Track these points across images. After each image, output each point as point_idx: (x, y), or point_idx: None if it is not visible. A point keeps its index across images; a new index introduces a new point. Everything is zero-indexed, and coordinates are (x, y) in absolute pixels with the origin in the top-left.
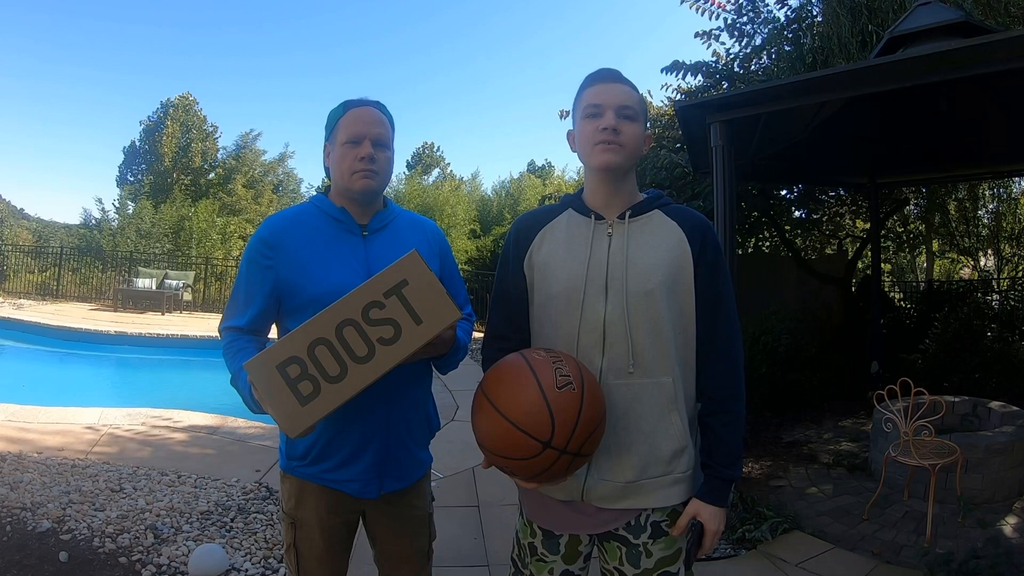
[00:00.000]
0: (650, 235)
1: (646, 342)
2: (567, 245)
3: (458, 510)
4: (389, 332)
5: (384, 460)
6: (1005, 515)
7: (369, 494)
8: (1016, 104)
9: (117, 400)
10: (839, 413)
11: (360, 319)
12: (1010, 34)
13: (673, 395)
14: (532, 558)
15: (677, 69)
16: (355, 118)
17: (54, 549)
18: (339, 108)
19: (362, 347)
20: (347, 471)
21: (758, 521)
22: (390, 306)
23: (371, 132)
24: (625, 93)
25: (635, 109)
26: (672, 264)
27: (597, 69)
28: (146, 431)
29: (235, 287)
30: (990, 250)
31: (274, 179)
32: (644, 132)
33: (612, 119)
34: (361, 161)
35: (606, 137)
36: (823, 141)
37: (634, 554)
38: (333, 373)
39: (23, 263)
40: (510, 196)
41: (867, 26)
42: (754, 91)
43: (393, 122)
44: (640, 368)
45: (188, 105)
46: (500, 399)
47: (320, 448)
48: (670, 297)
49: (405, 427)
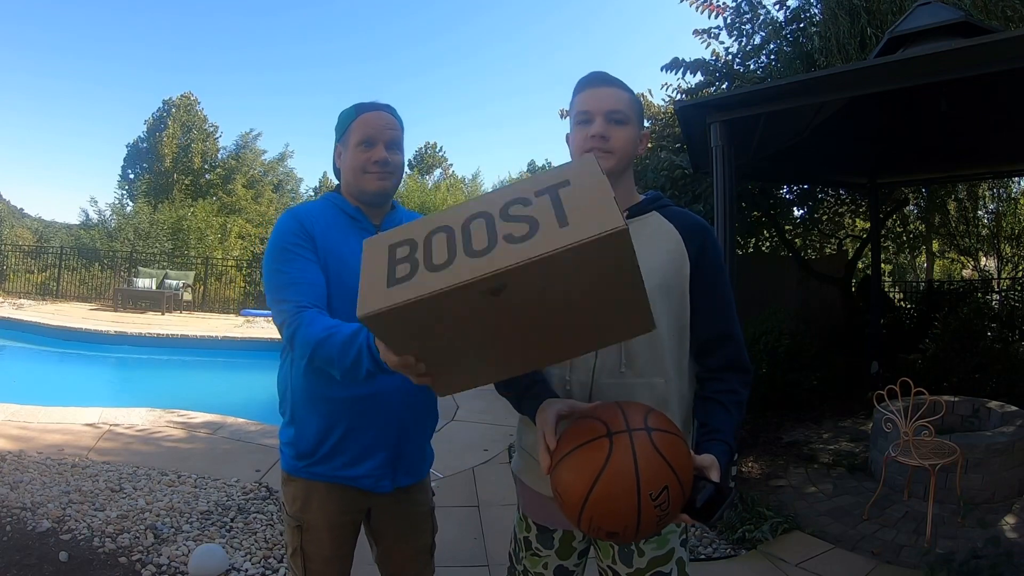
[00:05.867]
0: (647, 237)
1: (639, 343)
2: None
3: (458, 510)
4: (522, 230)
5: (398, 455)
6: (1005, 515)
7: (383, 488)
8: (1016, 104)
9: (117, 400)
10: (839, 413)
11: (496, 213)
12: (1010, 34)
13: (665, 396)
14: (527, 552)
15: (677, 67)
16: (368, 121)
17: (54, 549)
18: (351, 111)
19: (482, 240)
20: (362, 466)
21: (758, 521)
22: (537, 204)
23: (384, 135)
24: (614, 97)
25: (625, 112)
26: (668, 267)
27: (588, 73)
28: (146, 431)
29: (276, 276)
30: (990, 250)
31: (274, 179)
32: (638, 133)
33: (601, 126)
34: (375, 164)
35: (596, 144)
36: (823, 141)
37: (626, 553)
38: (438, 261)
39: (23, 263)
40: None
41: (866, 27)
42: (754, 91)
43: (403, 126)
44: (632, 368)
45: (189, 105)
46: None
47: (333, 443)
48: (666, 300)
49: (415, 420)
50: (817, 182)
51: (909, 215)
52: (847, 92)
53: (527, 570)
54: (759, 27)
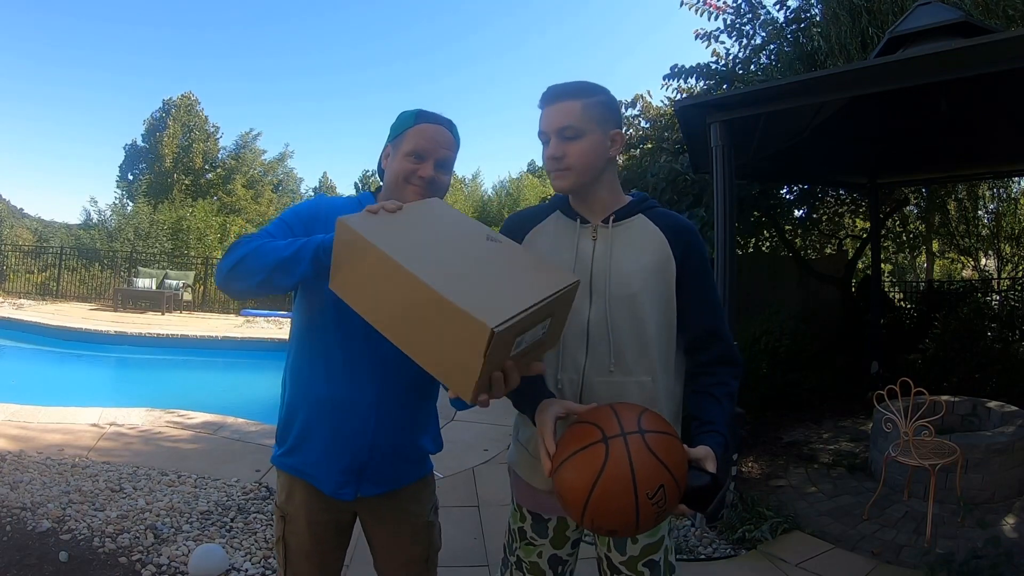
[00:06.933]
0: (633, 239)
1: (627, 343)
2: (554, 247)
3: (458, 510)
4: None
5: (363, 465)
6: (1005, 515)
7: (345, 496)
8: (1016, 104)
9: (117, 400)
10: (839, 413)
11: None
12: (1010, 34)
13: (653, 394)
14: (521, 542)
15: (677, 76)
16: (426, 134)
17: (54, 549)
18: (411, 117)
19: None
20: (322, 468)
21: (758, 521)
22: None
23: (438, 153)
24: (564, 112)
25: (577, 126)
26: (654, 268)
27: (545, 89)
28: (146, 431)
29: (266, 230)
30: (990, 250)
31: (273, 179)
32: (602, 138)
33: (554, 147)
34: (421, 180)
35: (552, 166)
36: (823, 141)
37: (620, 541)
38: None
39: (23, 263)
40: (510, 196)
41: (867, 27)
42: (754, 91)
43: (459, 144)
44: (620, 368)
45: (190, 105)
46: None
47: (296, 436)
48: (653, 301)
49: (387, 432)
50: (817, 182)
51: (909, 215)
52: (847, 92)
53: (520, 560)
54: (760, 28)
